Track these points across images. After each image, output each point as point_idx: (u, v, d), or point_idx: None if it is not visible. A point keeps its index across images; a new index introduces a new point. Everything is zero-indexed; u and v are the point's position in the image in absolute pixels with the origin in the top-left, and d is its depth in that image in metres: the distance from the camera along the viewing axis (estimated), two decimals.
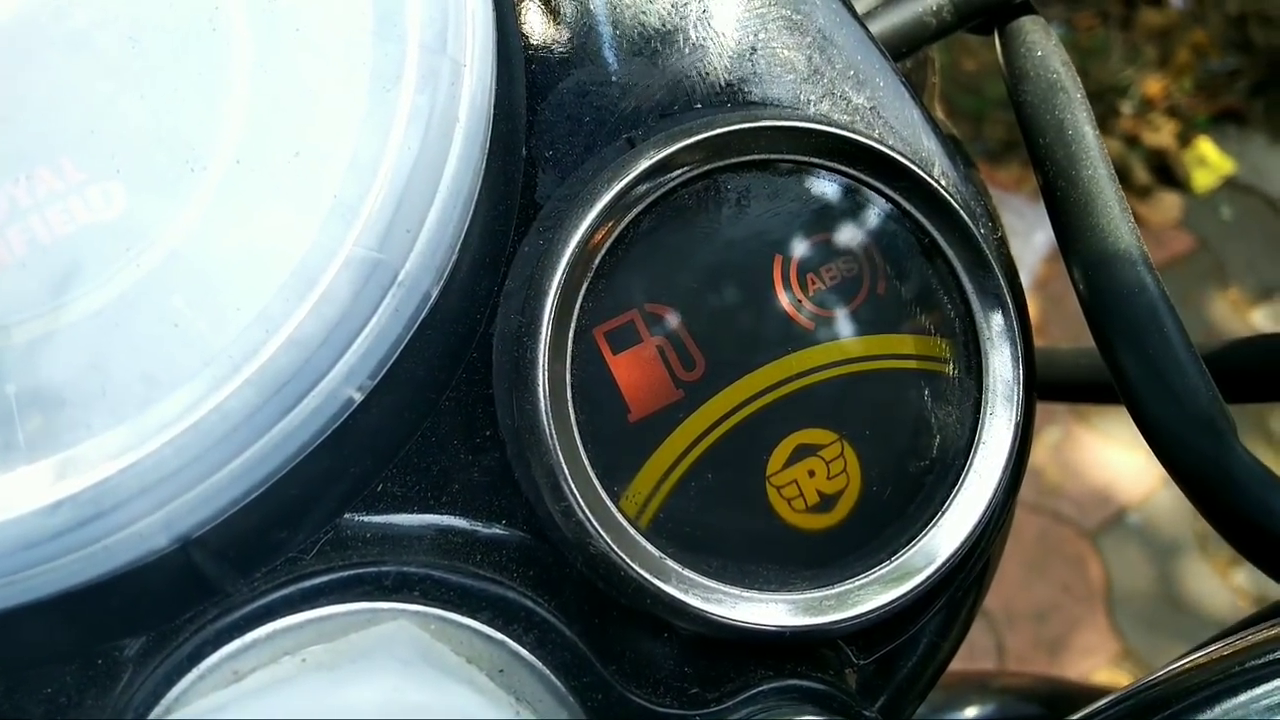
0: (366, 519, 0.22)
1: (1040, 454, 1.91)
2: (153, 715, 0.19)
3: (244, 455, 0.19)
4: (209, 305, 0.20)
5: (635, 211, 0.22)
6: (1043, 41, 0.28)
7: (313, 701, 0.17)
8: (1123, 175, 2.69)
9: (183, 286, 0.20)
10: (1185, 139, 2.74)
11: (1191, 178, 2.52)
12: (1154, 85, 2.94)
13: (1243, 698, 0.22)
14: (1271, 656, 0.21)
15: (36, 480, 0.19)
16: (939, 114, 0.38)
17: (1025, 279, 1.83)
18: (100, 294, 0.21)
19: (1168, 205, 2.72)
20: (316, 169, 0.20)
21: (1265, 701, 0.22)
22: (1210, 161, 2.55)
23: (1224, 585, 1.69)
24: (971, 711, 0.63)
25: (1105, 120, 2.76)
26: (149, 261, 0.21)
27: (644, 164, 0.22)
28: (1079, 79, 0.27)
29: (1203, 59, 2.55)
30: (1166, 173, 2.73)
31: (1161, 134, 2.72)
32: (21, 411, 0.20)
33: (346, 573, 0.21)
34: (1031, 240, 1.68)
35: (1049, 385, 0.35)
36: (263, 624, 0.20)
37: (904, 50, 0.29)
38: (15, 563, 0.18)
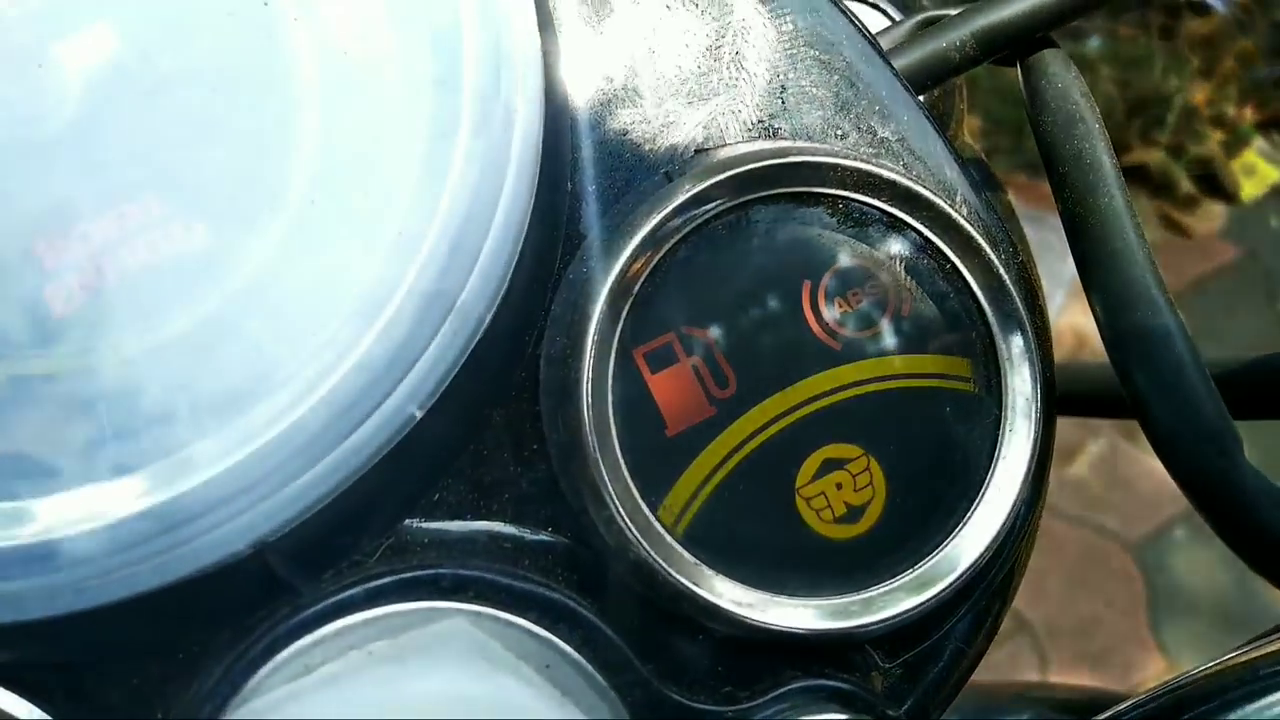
0: (424, 525, 0.24)
1: (1084, 468, 1.89)
2: (231, 704, 0.21)
3: (316, 468, 0.21)
4: (285, 331, 0.22)
5: (672, 242, 0.24)
6: (1063, 74, 0.29)
7: (378, 692, 0.19)
8: (1168, 186, 2.64)
9: (260, 314, 0.23)
10: (1232, 148, 2.69)
11: (1239, 187, 2.47)
12: (1199, 94, 2.89)
13: (1259, 704, 0.23)
14: None
15: (129, 489, 0.21)
16: (966, 137, 0.39)
17: (1065, 290, 1.82)
18: (185, 320, 0.23)
19: (1214, 215, 2.67)
20: (382, 208, 0.22)
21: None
22: (1258, 170, 2.51)
23: (1271, 599, 1.66)
24: None
25: (1149, 131, 2.72)
26: (228, 290, 0.23)
27: (680, 198, 0.24)
28: (1098, 110, 0.28)
29: (1249, 67, 2.50)
30: (1213, 182, 2.69)
31: (1207, 143, 2.67)
32: (114, 427, 0.23)
33: (406, 575, 0.23)
34: (1068, 261, 1.66)
35: (1071, 399, 0.36)
36: (331, 621, 0.22)
37: (929, 83, 0.30)
38: (109, 564, 0.21)
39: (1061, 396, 0.37)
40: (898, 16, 0.37)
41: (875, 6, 0.36)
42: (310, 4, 0.22)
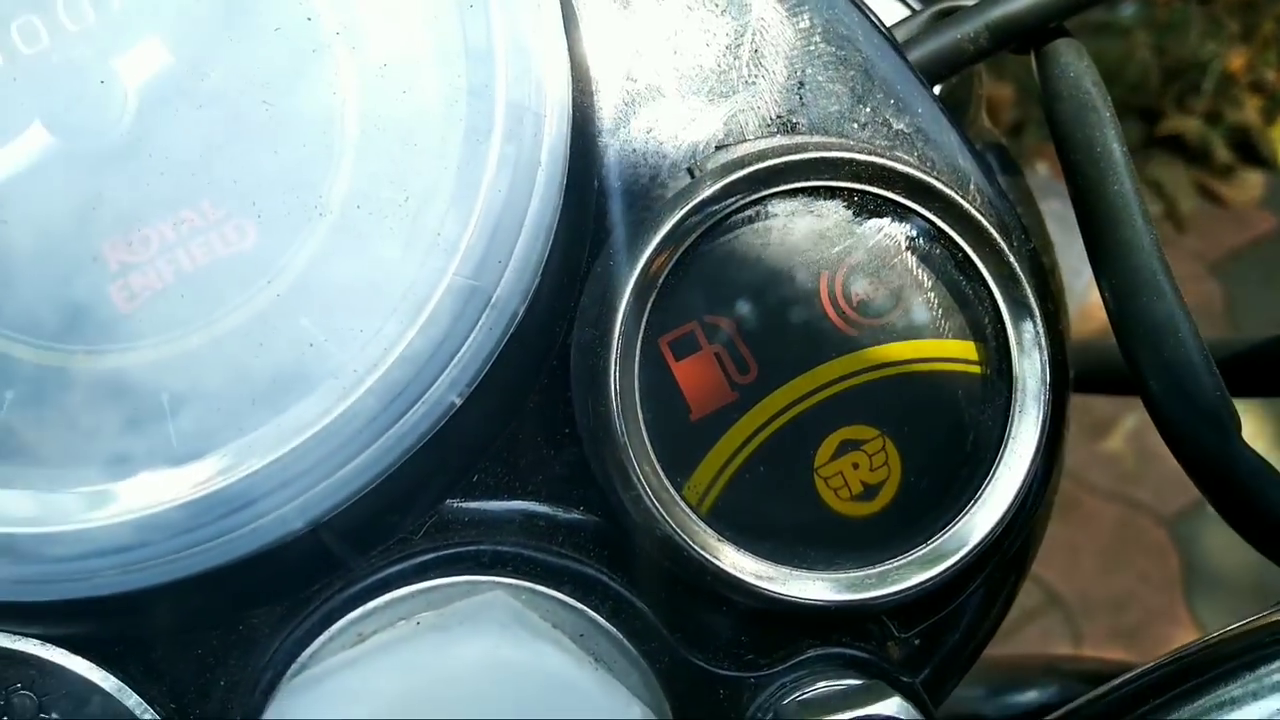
0: (464, 505, 0.26)
1: (1118, 442, 1.87)
2: (289, 671, 0.23)
3: (366, 452, 0.22)
4: (333, 326, 0.24)
5: (694, 236, 0.25)
6: (1076, 63, 0.30)
7: (427, 657, 0.21)
8: (1204, 153, 2.59)
9: (310, 310, 0.24)
10: (1270, 115, 2.63)
11: (1277, 155, 2.42)
12: (1237, 60, 2.82)
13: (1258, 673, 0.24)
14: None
15: (196, 474, 0.23)
16: (985, 121, 0.40)
17: (1087, 274, 1.79)
18: (240, 314, 0.25)
19: (1251, 184, 2.61)
20: (421, 210, 0.23)
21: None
22: None
23: None
24: (1033, 694, 0.64)
25: (1185, 98, 2.66)
26: (279, 287, 0.25)
27: (702, 194, 0.25)
28: (1109, 99, 0.29)
29: None
30: (1250, 150, 2.63)
31: (1245, 110, 2.61)
32: (175, 415, 0.24)
33: (449, 551, 0.24)
34: None
35: (1092, 378, 0.37)
36: (381, 594, 0.23)
37: (944, 74, 0.31)
38: (176, 544, 0.22)
39: (1081, 375, 0.38)
40: (917, 5, 0.37)
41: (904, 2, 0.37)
42: (351, 20, 0.24)
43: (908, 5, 0.37)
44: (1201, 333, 0.25)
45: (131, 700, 0.24)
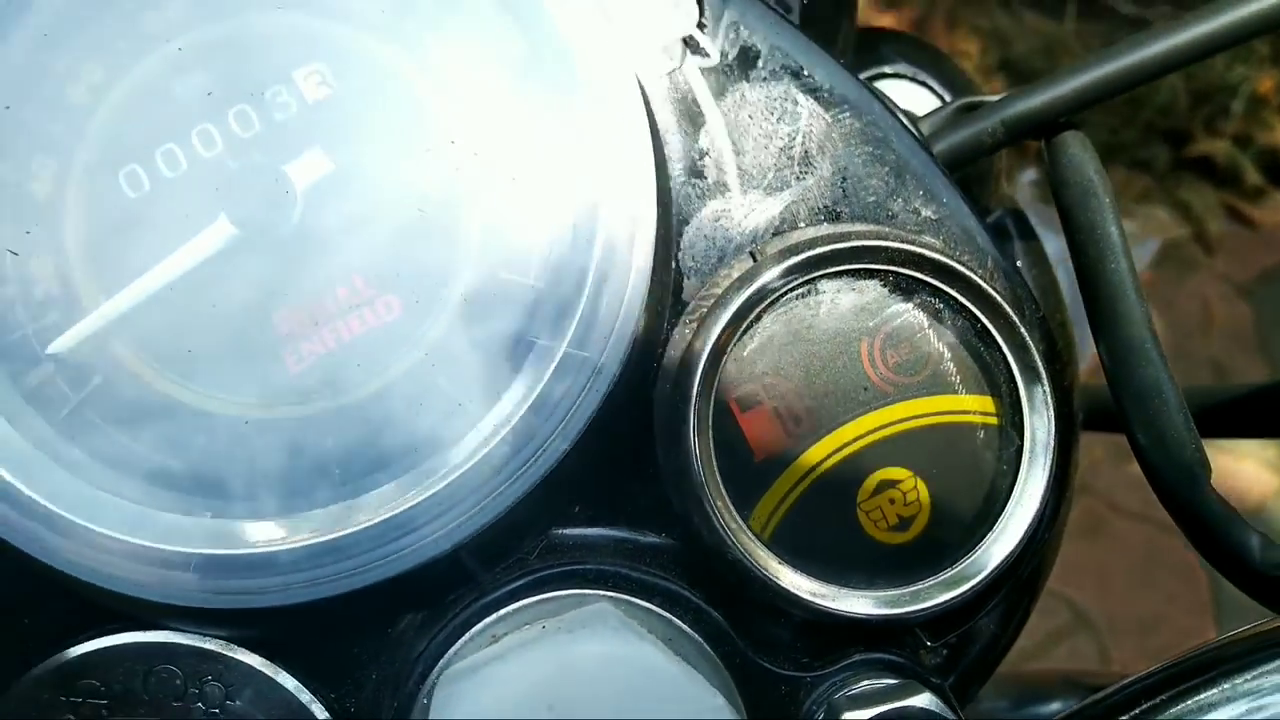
0: (568, 532, 0.31)
1: None
2: (437, 667, 0.28)
3: (499, 490, 0.28)
4: (468, 386, 0.29)
5: (757, 310, 0.31)
6: (1080, 154, 0.35)
7: (555, 654, 0.26)
8: (1233, 176, 2.60)
9: (446, 372, 0.30)
10: None
11: None
12: (1266, 82, 2.83)
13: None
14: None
15: (364, 508, 0.28)
16: (1006, 189, 0.45)
17: None
18: (389, 375, 0.30)
19: None
20: (540, 295, 0.29)
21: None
22: None
23: None
24: (1056, 705, 0.68)
25: (1214, 120, 2.68)
26: (420, 353, 0.30)
27: (763, 278, 0.30)
28: (1110, 184, 0.34)
29: None
30: (1279, 172, 2.63)
31: (1274, 132, 2.63)
32: (341, 460, 0.30)
33: (559, 569, 0.30)
34: None
35: (1093, 418, 0.41)
36: (507, 604, 0.29)
37: (965, 163, 0.36)
38: (349, 565, 0.28)
39: (1089, 416, 0.42)
40: (945, 93, 0.43)
41: (925, 85, 0.42)
42: (487, 144, 0.29)
43: (939, 96, 0.42)
44: (1219, 357, 0.30)
45: (303, 695, 0.29)
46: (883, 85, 0.42)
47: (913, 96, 0.42)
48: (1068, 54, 2.85)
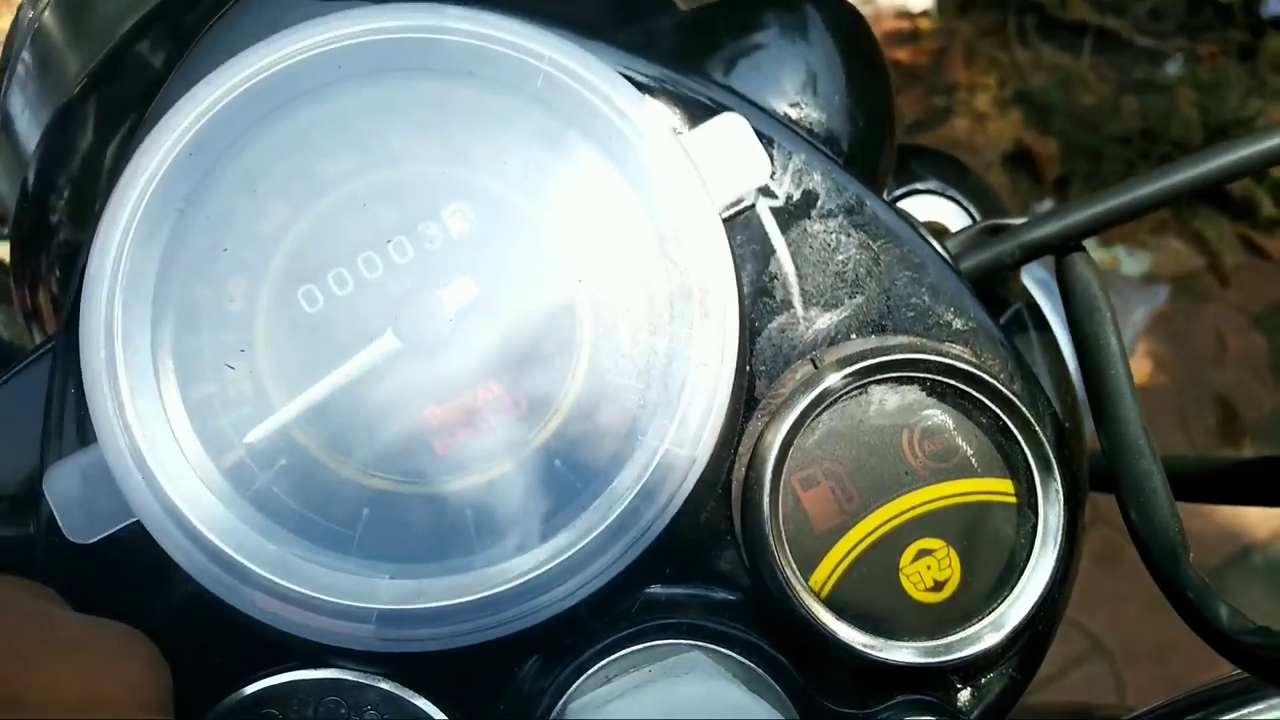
0: (662, 590, 0.38)
1: None
2: (560, 704, 0.35)
3: (610, 561, 0.35)
4: (583, 471, 0.36)
5: (818, 410, 0.37)
6: (1086, 271, 0.41)
7: (664, 693, 0.33)
8: (1249, 208, 2.64)
9: (562, 458, 0.37)
10: None
11: None
12: None
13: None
14: None
15: (499, 574, 0.35)
16: (1021, 284, 0.52)
17: (1127, 346, 1.87)
18: (517, 460, 0.37)
19: None
20: (643, 395, 0.36)
21: None
22: None
23: None
24: None
25: None
26: (541, 439, 0.37)
27: (825, 384, 0.37)
28: (1110, 299, 0.41)
29: None
30: None
31: None
32: (477, 530, 0.37)
33: (656, 623, 0.37)
34: (1132, 317, 1.74)
35: (1097, 479, 0.48)
36: (616, 651, 0.36)
37: (987, 278, 0.43)
38: (495, 619, 0.35)
39: (1095, 478, 0.49)
40: (968, 204, 0.49)
41: (956, 201, 0.49)
42: (603, 282, 0.36)
43: (963, 207, 0.49)
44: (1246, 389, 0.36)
45: None
46: (916, 200, 0.49)
47: (942, 209, 0.48)
48: (1084, 87, 2.91)
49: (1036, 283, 0.56)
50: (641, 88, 0.38)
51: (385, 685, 0.37)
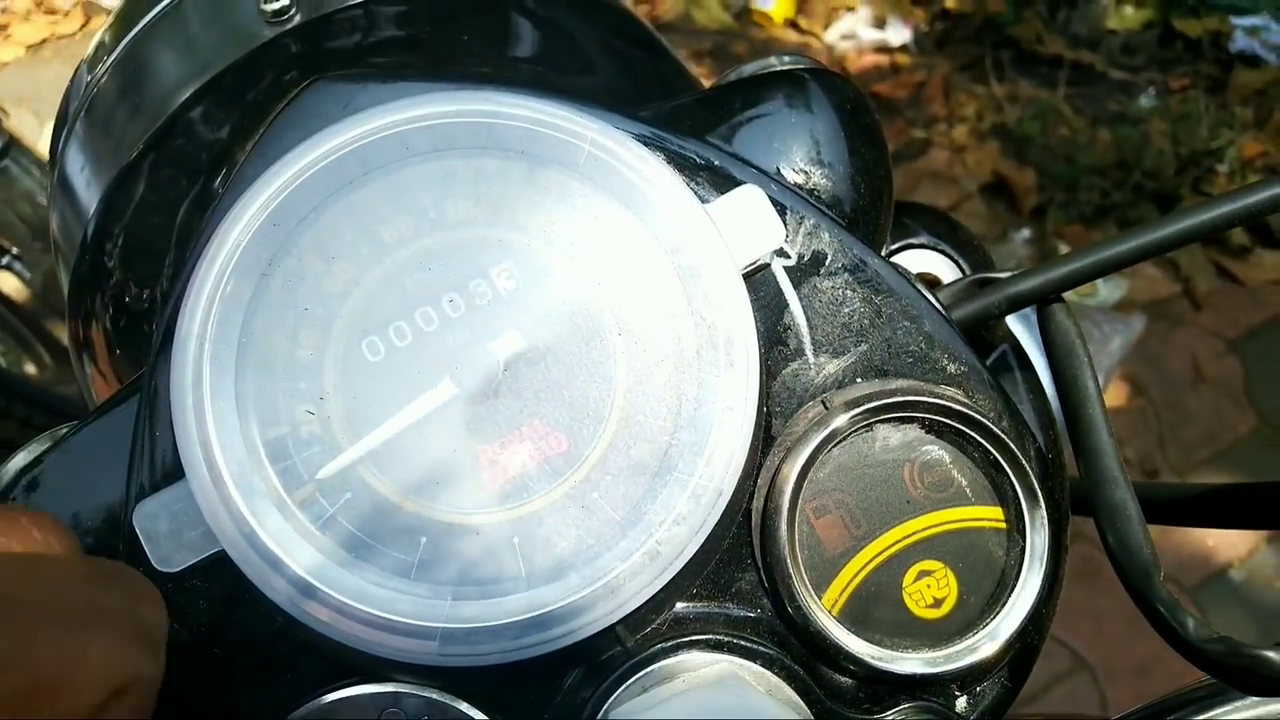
0: (690, 607, 0.42)
1: None
2: (600, 712, 0.39)
3: (647, 584, 0.39)
4: (618, 502, 0.40)
5: (829, 447, 0.42)
6: (1065, 321, 0.46)
7: (700, 700, 0.37)
8: (1221, 236, 2.73)
9: (601, 491, 0.41)
10: None
11: None
12: (1251, 146, 2.97)
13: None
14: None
15: (546, 596, 0.39)
16: (1006, 328, 0.57)
17: (1104, 375, 1.94)
18: (560, 490, 0.41)
19: (1268, 264, 2.75)
20: (673, 435, 0.40)
21: None
22: None
23: None
24: None
25: (1201, 183, 2.81)
26: (581, 474, 0.41)
27: (835, 424, 0.42)
28: (1087, 345, 0.46)
29: None
30: (1265, 232, 2.77)
31: None
32: (524, 555, 0.41)
33: (686, 638, 0.41)
34: (1109, 347, 1.81)
35: (1077, 503, 0.53)
36: (651, 664, 0.40)
37: (976, 327, 0.48)
38: (543, 636, 0.39)
39: (1076, 501, 0.53)
40: (958, 257, 0.54)
41: (947, 255, 0.54)
42: (638, 335, 0.41)
43: (953, 260, 0.54)
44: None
45: None
46: (910, 253, 0.54)
47: (934, 262, 0.53)
48: (1059, 119, 3.00)
49: (1017, 316, 0.61)
50: (670, 161, 0.43)
51: (439, 696, 0.41)
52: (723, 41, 3.10)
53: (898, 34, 3.14)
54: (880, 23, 3.18)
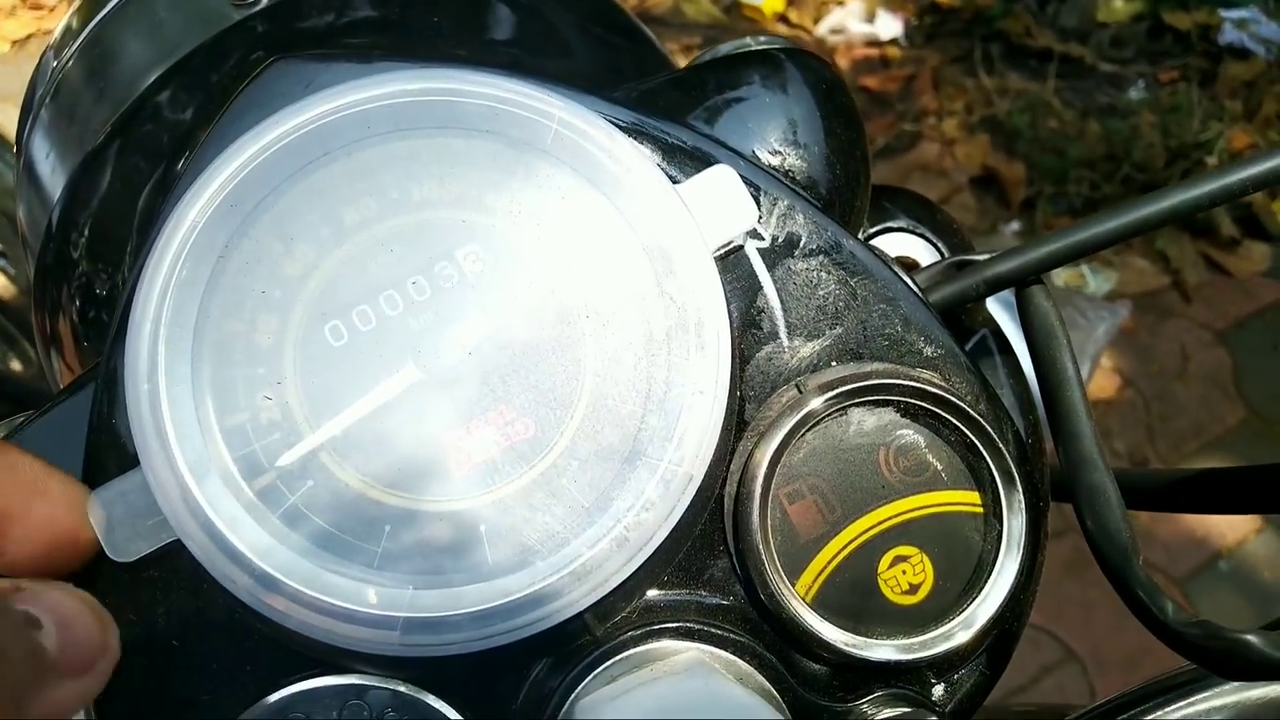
0: (661, 595, 0.41)
1: None
2: (568, 701, 0.38)
3: (615, 570, 0.38)
4: (586, 488, 0.39)
5: (802, 431, 0.41)
6: (1044, 303, 0.46)
7: (667, 689, 0.36)
8: (1210, 228, 2.73)
9: (566, 477, 0.40)
10: (1273, 190, 2.79)
11: None
12: (1240, 138, 2.98)
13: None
14: None
15: (511, 584, 0.38)
16: (985, 312, 0.56)
17: (1088, 362, 1.94)
18: (529, 477, 0.40)
19: (1256, 256, 2.76)
20: (637, 414, 0.39)
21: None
22: None
23: None
24: None
25: (1190, 175, 2.82)
26: (549, 461, 0.41)
27: (809, 407, 0.41)
28: (1065, 326, 0.45)
29: None
30: (1254, 224, 2.77)
31: None
32: (490, 542, 0.40)
33: (656, 626, 0.40)
34: (1095, 334, 1.80)
35: (1056, 489, 0.52)
36: (620, 653, 0.39)
37: (954, 310, 0.47)
38: (509, 625, 0.38)
39: (1056, 489, 0.53)
40: (937, 240, 0.54)
41: (925, 238, 0.53)
42: (607, 318, 0.40)
43: (931, 243, 0.53)
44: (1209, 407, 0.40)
45: None
46: (889, 237, 0.53)
47: (912, 245, 0.53)
48: (1049, 112, 3.00)
49: (1000, 302, 0.60)
50: (641, 141, 0.42)
51: (404, 689, 0.40)
52: (713, 35, 3.09)
53: (888, 27, 3.13)
54: (870, 16, 3.17)
